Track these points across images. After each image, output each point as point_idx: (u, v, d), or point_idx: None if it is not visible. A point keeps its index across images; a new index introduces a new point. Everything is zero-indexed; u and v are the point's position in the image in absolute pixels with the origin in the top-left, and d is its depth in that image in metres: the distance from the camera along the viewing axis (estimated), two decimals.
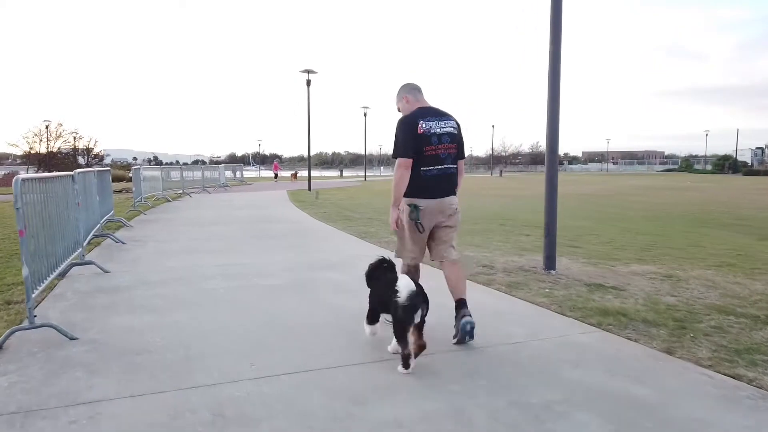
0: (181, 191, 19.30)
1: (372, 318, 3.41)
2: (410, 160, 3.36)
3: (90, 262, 5.79)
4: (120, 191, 20.84)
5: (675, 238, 9.30)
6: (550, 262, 5.34)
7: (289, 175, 37.73)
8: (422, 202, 3.41)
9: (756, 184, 31.67)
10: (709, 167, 65.62)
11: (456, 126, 3.53)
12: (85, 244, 6.15)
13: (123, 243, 7.68)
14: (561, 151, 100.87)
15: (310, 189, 23.10)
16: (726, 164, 58.64)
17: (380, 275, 3.35)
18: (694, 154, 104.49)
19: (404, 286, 2.96)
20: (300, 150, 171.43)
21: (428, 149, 3.39)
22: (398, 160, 3.40)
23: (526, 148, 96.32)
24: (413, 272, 3.59)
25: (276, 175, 36.62)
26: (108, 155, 73.86)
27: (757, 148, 62.43)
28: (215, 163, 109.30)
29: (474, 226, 10.27)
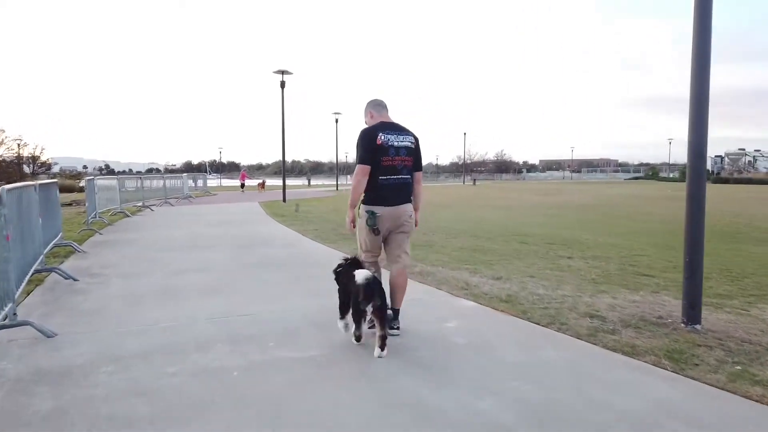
0: (140, 203, 17.13)
1: (343, 312, 3.68)
2: (368, 167, 3.65)
3: (25, 323, 3.92)
4: (69, 204, 18.45)
5: (731, 259, 8.08)
6: (694, 314, 3.83)
7: (256, 185, 35.38)
8: (379, 209, 3.69)
9: (739, 192, 31.34)
10: (675, 175, 66.60)
11: (413, 141, 3.84)
12: (18, 291, 4.28)
13: (75, 280, 5.78)
14: (519, 159, 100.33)
15: (284, 200, 21.20)
16: None
17: (347, 272, 3.58)
18: (645, 162, 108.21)
19: (360, 274, 3.37)
20: (259, 158, 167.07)
21: (385, 159, 3.67)
22: (358, 167, 3.69)
23: (491, 156, 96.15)
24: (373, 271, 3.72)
25: (243, 185, 34.27)
26: (56, 164, 69.15)
27: (716, 156, 63.83)
28: (171, 171, 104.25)
29: (494, 245, 8.77)
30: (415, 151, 3.82)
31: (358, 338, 3.60)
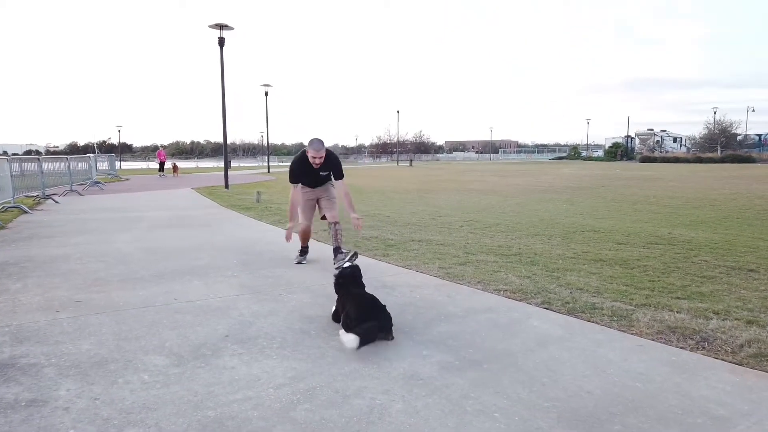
0: (40, 193, 12.88)
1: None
2: None
3: None
4: None
5: None
6: None
7: (171, 168, 30.38)
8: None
9: (687, 170, 31.55)
10: (599, 154, 68.64)
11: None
12: None
13: None
14: (430, 141, 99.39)
15: (227, 186, 17.50)
16: (618, 151, 61.38)
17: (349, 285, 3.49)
18: (542, 143, 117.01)
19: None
20: (153, 139, 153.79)
21: None
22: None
23: (410, 137, 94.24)
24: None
25: (161, 167, 29.27)
26: None
27: (626, 135, 66.62)
28: (53, 153, 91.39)
29: (602, 249, 6.20)
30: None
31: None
